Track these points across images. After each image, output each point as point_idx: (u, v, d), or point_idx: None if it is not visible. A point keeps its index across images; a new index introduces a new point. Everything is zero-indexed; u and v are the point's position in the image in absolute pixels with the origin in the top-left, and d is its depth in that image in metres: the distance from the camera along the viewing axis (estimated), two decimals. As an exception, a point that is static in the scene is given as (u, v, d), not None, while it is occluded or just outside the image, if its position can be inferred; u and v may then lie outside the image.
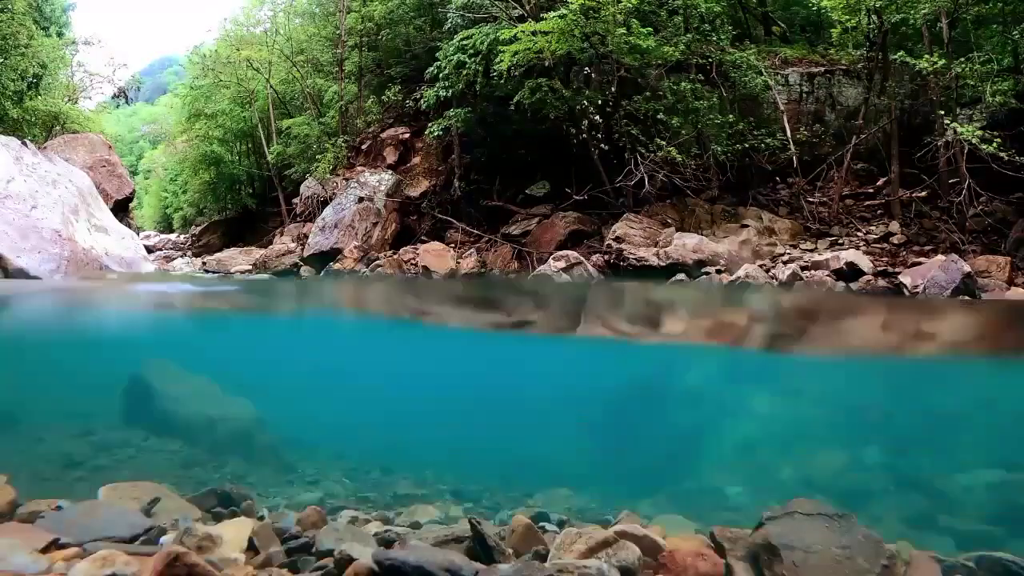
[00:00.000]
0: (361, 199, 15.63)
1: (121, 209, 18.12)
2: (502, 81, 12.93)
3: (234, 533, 3.13)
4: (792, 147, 12.59)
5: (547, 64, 12.61)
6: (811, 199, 12.64)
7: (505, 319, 8.82)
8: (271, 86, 22.13)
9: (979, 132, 9.94)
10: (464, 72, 13.75)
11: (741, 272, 10.32)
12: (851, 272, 10.03)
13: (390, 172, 16.40)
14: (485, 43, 13.41)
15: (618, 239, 11.81)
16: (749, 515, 3.31)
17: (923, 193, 11.85)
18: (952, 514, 5.08)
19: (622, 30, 12.09)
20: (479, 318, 9.15)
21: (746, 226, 12.11)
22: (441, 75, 14.25)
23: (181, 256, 20.37)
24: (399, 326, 9.60)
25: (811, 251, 11.36)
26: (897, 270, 10.14)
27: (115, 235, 10.93)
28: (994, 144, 9.73)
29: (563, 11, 11.94)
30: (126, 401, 7.29)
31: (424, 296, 11.03)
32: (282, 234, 18.18)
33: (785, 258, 11.16)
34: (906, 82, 12.00)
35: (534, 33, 12.26)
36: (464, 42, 13.90)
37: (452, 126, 14.57)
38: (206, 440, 6.47)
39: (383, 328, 9.72)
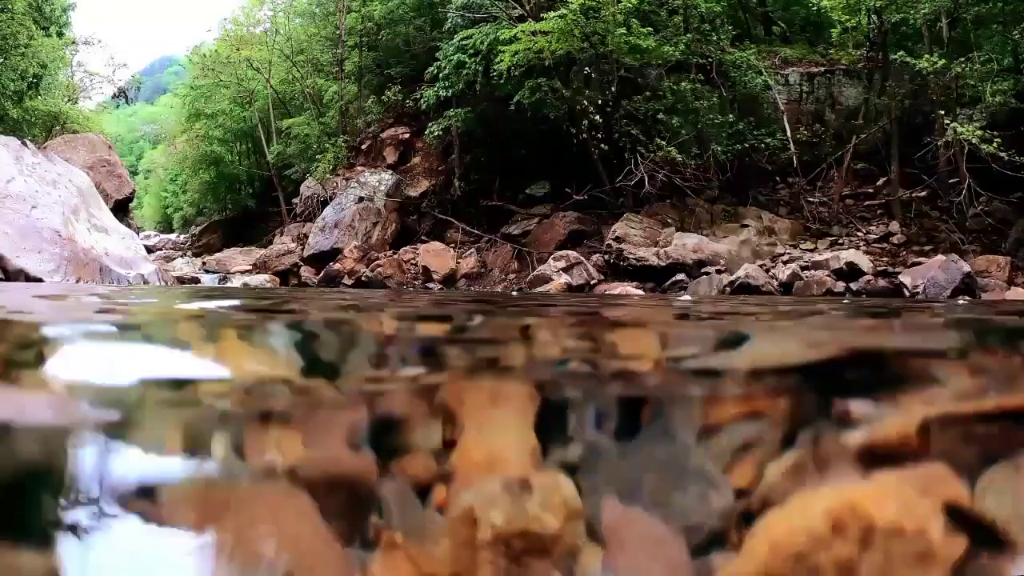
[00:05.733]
0: (361, 199, 15.63)
1: (121, 209, 18.10)
2: (502, 81, 12.93)
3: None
4: (792, 147, 12.59)
5: (547, 64, 12.61)
6: (811, 199, 12.64)
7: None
8: (271, 86, 22.13)
9: (979, 132, 9.95)
10: (464, 72, 13.75)
11: (741, 272, 10.32)
12: (851, 272, 10.03)
13: (390, 172, 16.41)
14: (485, 43, 13.41)
15: (618, 239, 11.81)
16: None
17: (923, 193, 11.85)
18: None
19: (622, 30, 12.09)
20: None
21: (746, 226, 12.12)
22: (441, 75, 14.25)
23: (181, 256, 20.37)
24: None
25: (811, 251, 11.36)
26: (897, 270, 10.15)
27: (115, 235, 10.92)
28: (994, 144, 9.73)
29: (563, 11, 11.94)
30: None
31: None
32: (282, 234, 18.19)
33: (785, 258, 11.16)
34: (906, 82, 12.00)
35: (534, 33, 12.26)
36: (464, 42, 13.90)
37: (452, 126, 14.58)
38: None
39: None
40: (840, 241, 11.59)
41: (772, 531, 0.80)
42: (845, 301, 7.34)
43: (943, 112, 10.89)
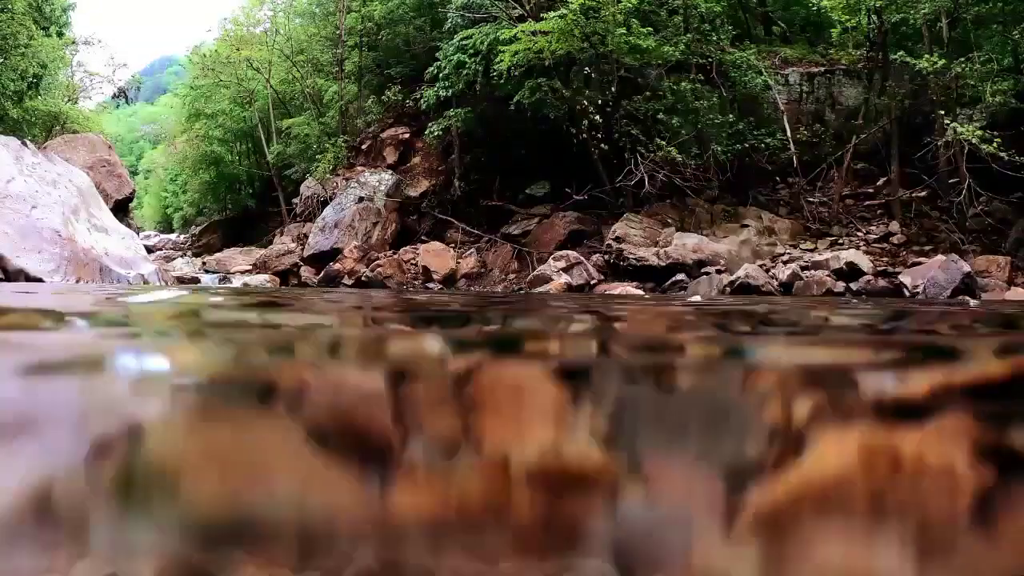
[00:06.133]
0: (361, 199, 15.63)
1: (121, 209, 18.08)
2: (502, 81, 12.93)
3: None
4: (792, 147, 12.58)
5: (547, 64, 12.60)
6: (811, 199, 12.63)
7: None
8: (271, 86, 22.13)
9: (979, 132, 9.94)
10: (464, 72, 13.75)
11: (741, 272, 10.32)
12: (851, 272, 10.03)
13: (390, 172, 16.40)
14: (485, 43, 13.40)
15: (618, 239, 11.80)
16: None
17: (923, 193, 11.85)
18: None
19: (622, 30, 12.08)
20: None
21: (746, 226, 12.11)
22: (441, 75, 14.25)
23: (181, 256, 20.37)
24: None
25: (811, 251, 11.36)
26: (897, 270, 10.14)
27: (115, 235, 10.92)
28: (994, 144, 9.73)
29: (563, 11, 11.93)
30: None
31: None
32: (282, 234, 18.19)
33: (785, 258, 11.16)
34: (906, 82, 11.99)
35: (534, 33, 12.26)
36: (464, 42, 13.90)
37: (452, 126, 14.57)
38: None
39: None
40: (840, 241, 11.59)
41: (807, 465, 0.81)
42: (854, 301, 7.35)
43: (943, 112, 10.88)
